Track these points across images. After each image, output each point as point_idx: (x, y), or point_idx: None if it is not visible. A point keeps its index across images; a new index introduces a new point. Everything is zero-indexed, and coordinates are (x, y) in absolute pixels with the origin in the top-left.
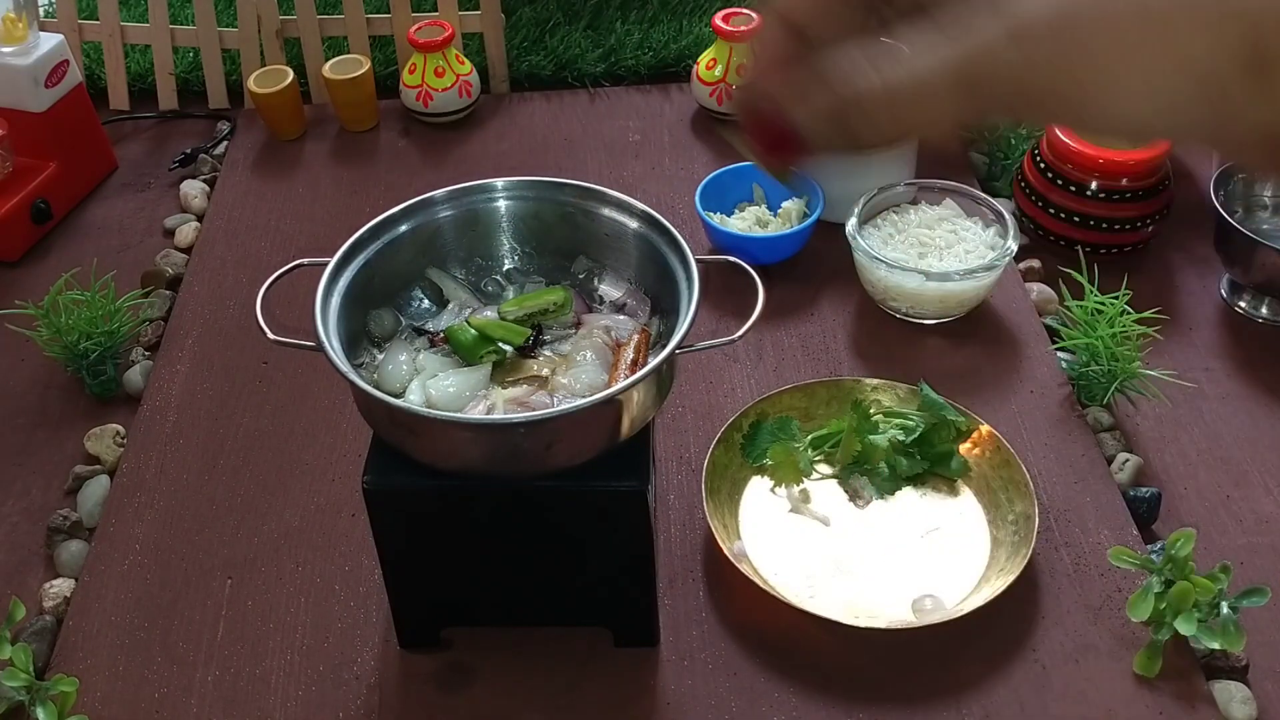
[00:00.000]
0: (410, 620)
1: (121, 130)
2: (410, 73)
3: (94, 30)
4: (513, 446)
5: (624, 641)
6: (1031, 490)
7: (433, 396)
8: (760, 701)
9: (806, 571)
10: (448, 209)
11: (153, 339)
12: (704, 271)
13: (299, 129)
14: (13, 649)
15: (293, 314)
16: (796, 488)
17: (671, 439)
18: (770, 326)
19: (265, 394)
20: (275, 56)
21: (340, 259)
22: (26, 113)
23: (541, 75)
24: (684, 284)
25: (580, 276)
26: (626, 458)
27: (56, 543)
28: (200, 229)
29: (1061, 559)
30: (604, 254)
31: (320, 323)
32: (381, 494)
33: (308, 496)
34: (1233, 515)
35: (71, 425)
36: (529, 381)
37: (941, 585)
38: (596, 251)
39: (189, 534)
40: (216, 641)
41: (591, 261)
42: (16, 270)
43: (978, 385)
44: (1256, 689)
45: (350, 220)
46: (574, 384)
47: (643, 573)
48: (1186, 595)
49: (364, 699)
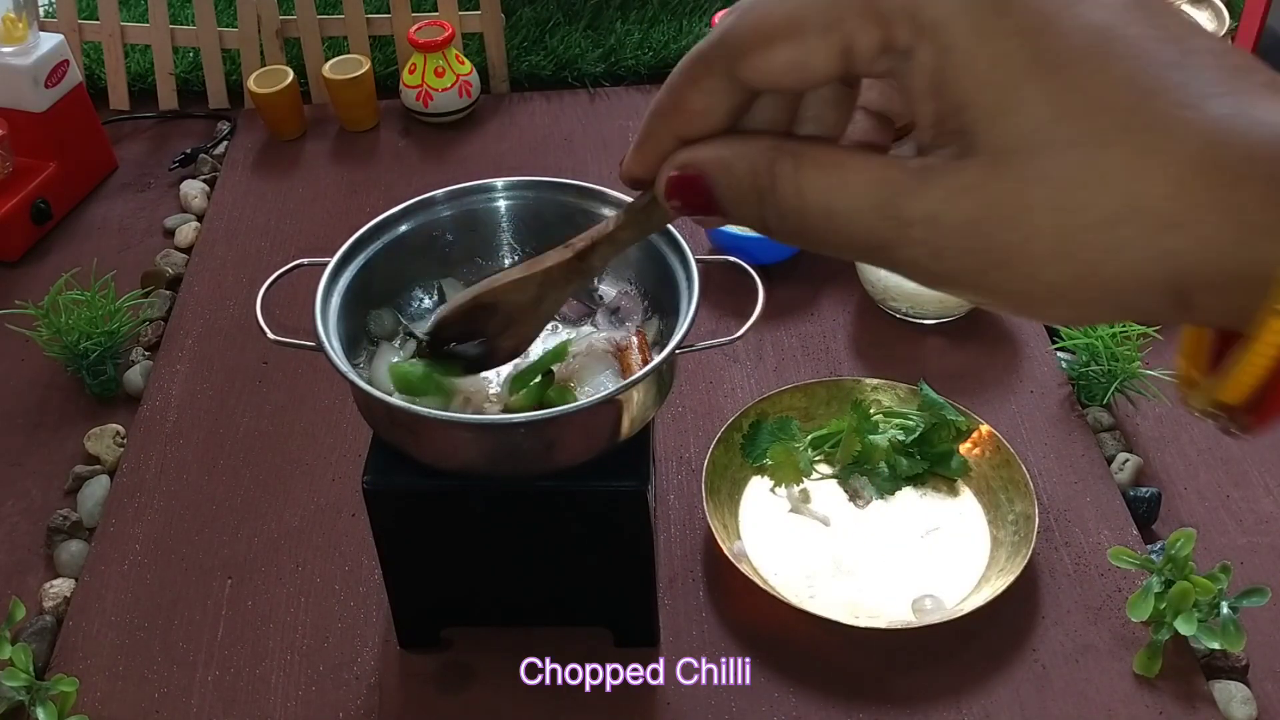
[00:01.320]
0: (410, 620)
1: (121, 130)
2: (410, 73)
3: (94, 30)
4: (513, 446)
5: (624, 641)
6: (1031, 490)
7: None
8: (760, 701)
9: (806, 571)
10: (448, 209)
11: (153, 339)
12: (704, 272)
13: (299, 129)
14: (13, 649)
15: (293, 314)
16: (796, 488)
17: (671, 439)
18: (770, 326)
19: (265, 394)
20: (275, 56)
21: (340, 259)
22: (26, 113)
23: (541, 75)
24: (684, 284)
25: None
26: (626, 458)
27: (56, 543)
28: (200, 229)
29: (1061, 559)
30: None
31: (320, 323)
32: (381, 494)
33: (308, 496)
34: (1233, 515)
35: (71, 425)
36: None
37: (941, 585)
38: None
39: (189, 534)
40: (216, 641)
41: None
42: (16, 270)
43: (978, 385)
44: (1256, 689)
45: (350, 220)
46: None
47: (643, 573)
48: (1186, 595)
49: (364, 699)
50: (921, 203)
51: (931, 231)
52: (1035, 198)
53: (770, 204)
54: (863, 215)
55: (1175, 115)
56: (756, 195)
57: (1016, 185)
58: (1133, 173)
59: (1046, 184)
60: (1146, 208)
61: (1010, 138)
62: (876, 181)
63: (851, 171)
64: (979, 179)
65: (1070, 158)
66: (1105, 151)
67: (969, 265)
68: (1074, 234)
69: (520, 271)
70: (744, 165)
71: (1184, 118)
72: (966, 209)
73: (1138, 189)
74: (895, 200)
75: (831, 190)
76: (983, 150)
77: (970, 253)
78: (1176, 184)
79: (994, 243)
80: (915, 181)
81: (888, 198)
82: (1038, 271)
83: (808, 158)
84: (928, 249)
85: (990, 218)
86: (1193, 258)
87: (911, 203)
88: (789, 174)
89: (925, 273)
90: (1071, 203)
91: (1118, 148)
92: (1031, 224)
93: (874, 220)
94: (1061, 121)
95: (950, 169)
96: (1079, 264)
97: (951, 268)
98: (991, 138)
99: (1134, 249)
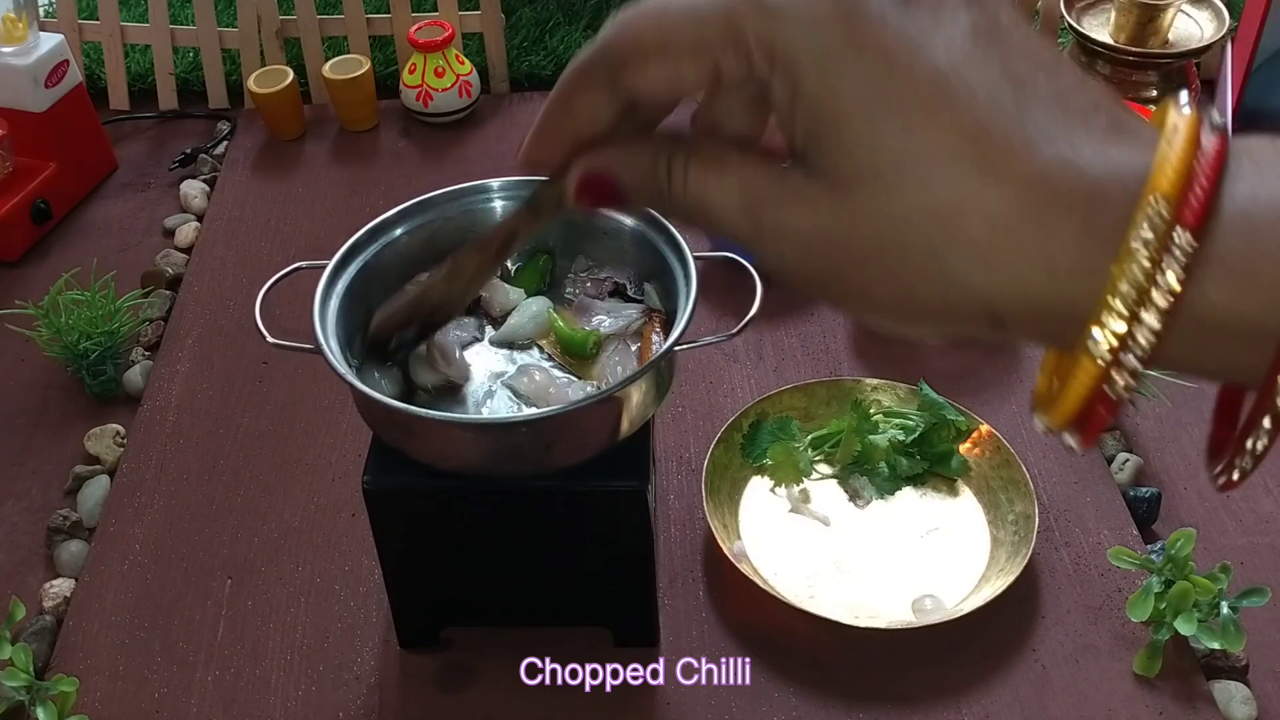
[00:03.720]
0: (410, 620)
1: (121, 130)
2: (410, 73)
3: (94, 30)
4: (513, 446)
5: (624, 641)
6: (1031, 490)
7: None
8: (760, 701)
9: (806, 571)
10: (446, 210)
11: (153, 339)
12: (702, 269)
13: (299, 129)
14: (13, 649)
15: (293, 314)
16: (796, 488)
17: (671, 439)
18: (770, 326)
19: (265, 394)
20: (275, 56)
21: (339, 261)
22: (26, 113)
23: (541, 75)
24: (682, 281)
25: (581, 275)
26: (626, 457)
27: (56, 543)
28: (200, 229)
29: (1061, 559)
30: (603, 252)
31: (319, 325)
32: (381, 494)
33: (308, 496)
34: (1233, 515)
35: (71, 425)
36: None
37: (941, 585)
38: (595, 250)
39: (189, 534)
40: (216, 642)
41: (591, 260)
42: (16, 270)
43: (978, 385)
44: (1256, 689)
45: (350, 220)
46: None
47: (643, 573)
48: (1186, 595)
49: (364, 699)
50: (773, 212)
51: (779, 240)
52: (864, 227)
53: (666, 196)
54: (731, 213)
55: (1001, 161)
56: (656, 188)
57: (849, 212)
58: (954, 213)
59: (876, 217)
60: (964, 243)
61: (849, 169)
62: (745, 186)
63: (729, 172)
64: (819, 201)
65: (899, 194)
66: (930, 191)
67: (811, 276)
68: (896, 262)
69: (444, 283)
70: (645, 162)
71: (1009, 163)
72: (806, 226)
73: (957, 227)
74: (755, 206)
75: (709, 187)
76: (827, 176)
77: (809, 266)
78: (993, 226)
79: (829, 261)
80: (772, 191)
81: (750, 202)
82: (867, 291)
83: (697, 156)
84: (778, 255)
85: (826, 238)
86: (1006, 292)
87: (766, 210)
88: (679, 170)
89: (780, 274)
90: (895, 236)
91: (941, 188)
92: (859, 249)
93: (738, 219)
94: (894, 160)
95: (800, 186)
96: (901, 290)
97: (798, 275)
98: (834, 166)
99: (949, 280)
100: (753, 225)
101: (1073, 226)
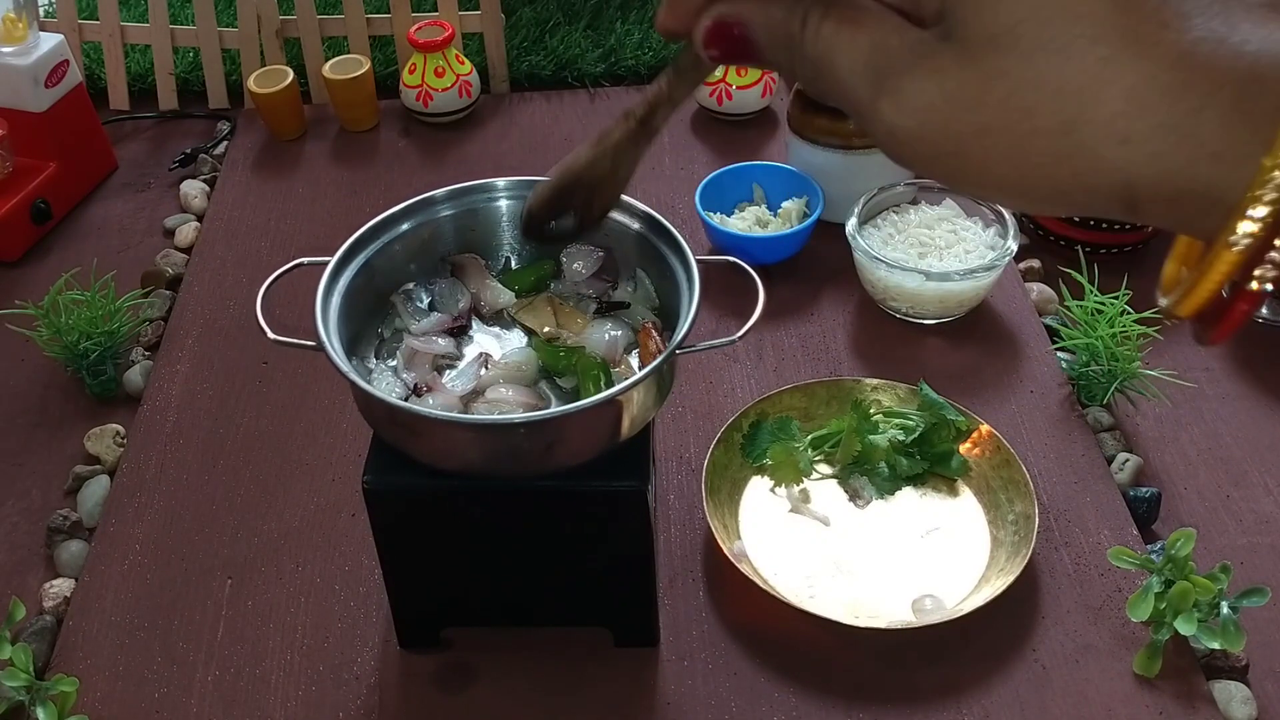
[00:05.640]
0: (410, 620)
1: (121, 130)
2: (410, 73)
3: (94, 30)
4: (513, 446)
5: (624, 641)
6: (1031, 490)
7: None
8: (760, 701)
9: (806, 571)
10: (448, 208)
11: (153, 339)
12: (704, 272)
13: (299, 129)
14: (13, 649)
15: (293, 313)
16: (796, 488)
17: (671, 439)
18: (770, 326)
19: (265, 394)
20: (275, 56)
21: (340, 258)
22: (26, 113)
23: (541, 75)
24: (684, 284)
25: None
26: (626, 458)
27: (56, 543)
28: (200, 229)
29: (1061, 559)
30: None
31: (320, 322)
32: (381, 494)
33: (308, 496)
34: (1233, 515)
35: (71, 425)
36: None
37: (941, 585)
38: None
39: (189, 534)
40: (216, 641)
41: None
42: (16, 270)
43: (978, 385)
44: (1256, 689)
45: (350, 220)
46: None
47: (643, 573)
48: (1186, 595)
49: (364, 699)
50: (898, 76)
51: (898, 107)
52: (993, 94)
53: (797, 51)
54: (855, 75)
55: (1149, 33)
56: (788, 41)
57: (979, 79)
58: (1092, 84)
59: (1006, 82)
60: (1099, 120)
61: (984, 31)
62: (876, 44)
63: (862, 30)
64: (947, 65)
65: (1034, 60)
66: (1069, 60)
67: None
68: (1025, 135)
69: (591, 150)
70: (780, 12)
71: (1157, 36)
72: (932, 92)
73: (1096, 97)
74: (882, 66)
75: (840, 45)
76: (959, 38)
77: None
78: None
79: (950, 132)
80: (902, 52)
81: (878, 61)
82: (989, 165)
83: (834, 11)
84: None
85: (950, 106)
86: (1141, 171)
87: (891, 72)
88: (814, 23)
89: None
90: (1026, 104)
91: (1082, 58)
92: (986, 119)
93: (861, 79)
94: (1034, 24)
95: (931, 50)
96: (1028, 165)
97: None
98: (968, 28)
99: (1082, 158)
100: (873, 88)
101: (1221, 108)
